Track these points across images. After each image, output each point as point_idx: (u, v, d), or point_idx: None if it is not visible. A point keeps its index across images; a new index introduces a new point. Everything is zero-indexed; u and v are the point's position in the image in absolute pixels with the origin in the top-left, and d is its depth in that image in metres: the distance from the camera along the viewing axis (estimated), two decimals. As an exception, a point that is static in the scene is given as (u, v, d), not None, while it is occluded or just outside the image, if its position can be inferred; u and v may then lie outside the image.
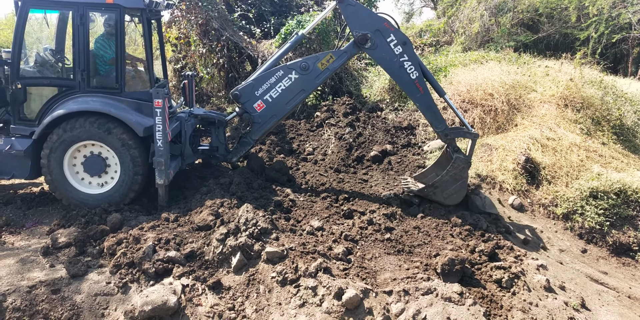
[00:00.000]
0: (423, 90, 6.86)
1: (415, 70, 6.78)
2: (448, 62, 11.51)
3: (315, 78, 7.05)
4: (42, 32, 7.92)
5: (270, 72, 7.05)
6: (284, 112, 7.23)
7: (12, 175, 6.65)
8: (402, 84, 6.94)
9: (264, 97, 7.08)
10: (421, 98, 6.92)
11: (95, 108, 6.34)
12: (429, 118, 7.02)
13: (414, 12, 27.15)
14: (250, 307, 4.87)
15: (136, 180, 6.54)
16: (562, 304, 5.26)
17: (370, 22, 6.71)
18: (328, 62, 6.99)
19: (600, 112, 9.36)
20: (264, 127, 7.25)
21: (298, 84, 7.05)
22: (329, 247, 5.59)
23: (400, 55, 6.75)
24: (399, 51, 6.75)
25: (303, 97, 7.24)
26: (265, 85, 7.06)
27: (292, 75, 7.01)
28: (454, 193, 6.96)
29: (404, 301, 4.75)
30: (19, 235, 6.17)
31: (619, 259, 6.94)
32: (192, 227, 5.81)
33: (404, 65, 6.77)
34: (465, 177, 6.95)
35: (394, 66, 6.81)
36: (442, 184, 6.91)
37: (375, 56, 6.87)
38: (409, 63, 6.76)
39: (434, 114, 6.97)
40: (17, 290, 4.95)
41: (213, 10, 11.15)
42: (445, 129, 6.98)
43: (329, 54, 7.03)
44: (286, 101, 7.11)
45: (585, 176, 7.69)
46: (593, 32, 14.22)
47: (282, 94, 7.06)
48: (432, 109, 6.96)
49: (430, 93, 6.94)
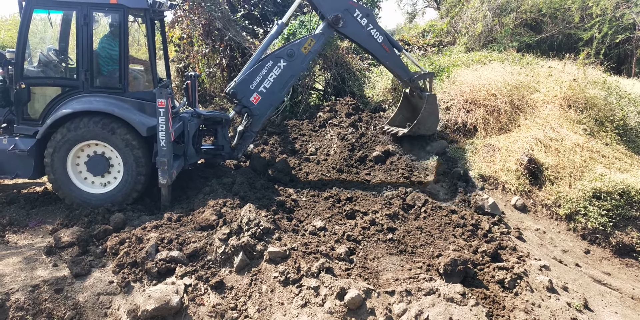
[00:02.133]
0: (389, 50, 7.94)
1: (380, 34, 7.80)
2: (451, 62, 11.49)
3: (302, 62, 7.60)
4: (46, 32, 7.94)
5: (260, 65, 7.37)
6: (279, 99, 7.88)
7: (16, 174, 6.68)
8: (372, 48, 7.88)
9: (259, 88, 7.40)
10: (389, 56, 8.02)
11: (98, 108, 6.36)
12: (398, 71, 8.18)
13: (417, 12, 27.12)
14: (252, 306, 4.88)
15: (139, 181, 6.55)
16: (564, 304, 5.24)
17: (339, 3, 7.52)
18: (310, 46, 7.58)
19: (604, 113, 9.33)
20: (263, 117, 7.62)
21: (287, 71, 7.51)
22: (332, 247, 5.59)
23: (366, 26, 7.69)
24: (364, 22, 7.68)
25: (293, 82, 7.84)
26: (258, 78, 7.38)
27: (281, 64, 7.46)
28: (432, 124, 8.56)
29: (406, 301, 4.75)
30: (22, 235, 6.19)
31: (622, 259, 6.92)
32: (195, 227, 5.82)
33: (371, 33, 7.75)
34: (436, 109, 8.55)
35: (364, 36, 7.76)
36: (423, 119, 8.30)
37: (347, 32, 7.69)
38: (374, 30, 7.75)
39: (401, 68, 8.19)
40: (21, 289, 4.97)
41: (216, 11, 11.17)
42: (410, 77, 8.25)
43: (309, 38, 7.59)
44: (279, 88, 7.55)
45: (588, 177, 7.67)
46: (596, 32, 14.18)
47: (274, 82, 7.45)
48: (398, 63, 8.14)
49: (395, 52, 8.06)
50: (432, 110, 8.41)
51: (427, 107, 8.27)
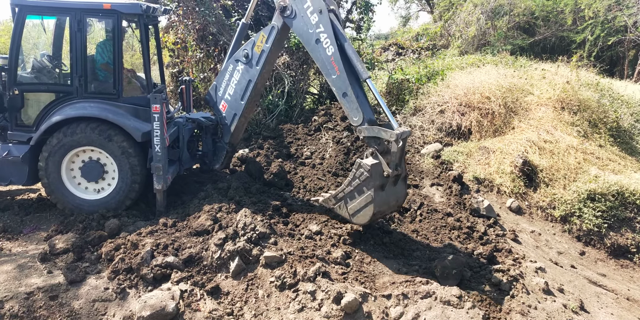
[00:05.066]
0: (339, 70, 5.63)
1: (331, 44, 5.63)
2: (445, 65, 11.55)
3: (256, 64, 6.47)
4: (39, 38, 7.92)
5: (223, 69, 6.74)
6: (240, 108, 6.78)
7: (10, 181, 6.64)
8: (318, 61, 5.88)
9: (225, 95, 6.79)
10: (336, 80, 5.70)
11: (92, 113, 6.34)
12: (345, 107, 5.75)
13: (411, 16, 27.25)
14: (249, 312, 4.86)
15: (133, 189, 6.53)
16: (560, 306, 5.26)
17: None
18: (262, 43, 6.35)
19: (597, 115, 9.39)
20: (230, 128, 6.95)
21: (245, 75, 6.57)
22: (328, 251, 5.58)
23: (316, 26, 5.74)
24: (315, 20, 5.75)
25: (252, 89, 6.64)
26: (223, 84, 6.78)
27: (239, 67, 6.61)
28: (359, 209, 5.60)
29: (403, 305, 4.75)
30: (17, 242, 6.16)
31: (617, 261, 6.95)
32: (190, 232, 5.80)
33: (320, 38, 5.73)
34: (370, 191, 5.41)
35: (311, 39, 5.83)
36: (345, 196, 5.70)
37: (295, 27, 6.01)
38: (324, 35, 5.67)
39: (350, 103, 5.64)
40: (15, 296, 4.93)
41: (210, 15, 11.16)
42: (361, 124, 5.60)
43: (261, 33, 6.42)
44: (240, 96, 6.68)
45: (582, 178, 7.70)
46: (589, 35, 14.31)
47: (235, 89, 6.70)
48: (348, 95, 5.63)
49: (347, 75, 5.62)
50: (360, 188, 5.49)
51: (351, 179, 5.54)
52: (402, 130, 5.32)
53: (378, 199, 5.46)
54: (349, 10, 13.43)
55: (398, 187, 5.77)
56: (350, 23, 13.97)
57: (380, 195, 5.49)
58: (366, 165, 5.37)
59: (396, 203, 5.93)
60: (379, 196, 5.47)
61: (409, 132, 5.43)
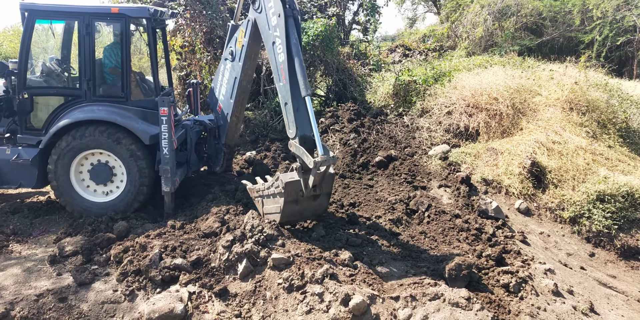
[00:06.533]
0: (285, 79, 5.46)
1: (282, 51, 5.42)
2: (452, 67, 11.52)
3: (239, 59, 6.41)
4: (48, 42, 7.99)
5: (217, 70, 6.76)
6: (229, 107, 6.75)
7: (20, 184, 6.71)
8: (271, 63, 5.72)
9: (219, 96, 6.82)
10: (282, 88, 5.58)
11: (101, 117, 6.39)
12: (284, 116, 5.63)
13: (417, 17, 27.14)
14: (257, 314, 4.86)
15: (142, 191, 6.56)
16: (570, 308, 5.22)
17: None
18: (242, 38, 6.25)
19: (606, 115, 9.32)
20: (224, 128, 6.95)
21: (232, 73, 6.55)
22: (335, 253, 5.57)
23: (274, 28, 5.52)
24: (274, 22, 5.52)
25: (238, 86, 6.54)
26: (218, 84, 6.86)
27: (227, 65, 6.65)
28: (271, 213, 5.85)
29: (411, 307, 4.73)
30: (26, 244, 6.20)
31: (627, 262, 6.88)
32: (198, 235, 5.82)
33: (276, 42, 5.51)
34: (281, 203, 5.54)
35: (269, 40, 5.65)
36: (263, 195, 5.91)
37: (259, 23, 5.88)
38: (279, 40, 5.46)
39: (288, 114, 5.52)
40: (25, 299, 4.97)
41: (217, 19, 11.22)
42: (293, 139, 5.54)
43: (240, 28, 6.37)
44: (230, 95, 6.66)
45: (591, 179, 7.64)
46: (597, 35, 14.21)
47: (226, 88, 6.71)
48: (287, 106, 5.50)
49: (291, 86, 5.47)
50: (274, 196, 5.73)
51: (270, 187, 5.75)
52: (323, 158, 5.23)
53: (288, 211, 5.65)
54: (355, 12, 13.45)
55: (318, 201, 5.85)
56: (357, 25, 13.99)
57: (292, 208, 5.64)
58: (281, 181, 5.48)
59: (313, 213, 6.06)
60: (290, 209, 5.64)
61: (331, 160, 5.27)
